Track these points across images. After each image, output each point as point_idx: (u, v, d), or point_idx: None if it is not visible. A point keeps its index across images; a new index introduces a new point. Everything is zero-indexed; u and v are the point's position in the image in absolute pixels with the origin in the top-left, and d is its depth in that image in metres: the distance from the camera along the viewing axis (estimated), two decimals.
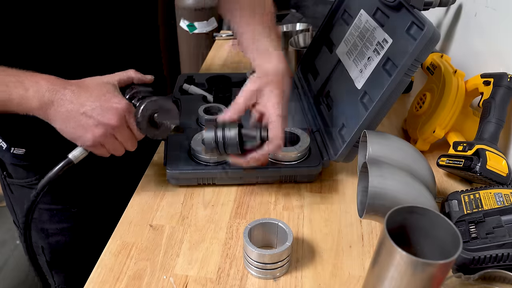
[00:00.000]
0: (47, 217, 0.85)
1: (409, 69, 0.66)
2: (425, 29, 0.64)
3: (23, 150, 0.78)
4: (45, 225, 0.86)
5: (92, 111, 0.61)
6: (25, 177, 0.82)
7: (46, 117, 0.61)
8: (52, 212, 0.85)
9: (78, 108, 0.60)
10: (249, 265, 0.61)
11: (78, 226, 0.88)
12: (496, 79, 0.79)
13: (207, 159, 0.75)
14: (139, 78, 0.68)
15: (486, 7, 0.92)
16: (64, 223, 0.87)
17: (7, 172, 0.84)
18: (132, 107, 0.64)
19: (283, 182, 0.78)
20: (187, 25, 2.19)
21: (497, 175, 0.70)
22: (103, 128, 0.61)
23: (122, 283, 0.60)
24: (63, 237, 0.88)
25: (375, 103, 0.69)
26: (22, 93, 0.59)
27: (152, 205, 0.74)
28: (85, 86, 0.62)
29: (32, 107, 0.60)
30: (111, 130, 0.62)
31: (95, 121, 0.61)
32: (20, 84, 0.59)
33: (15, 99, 0.59)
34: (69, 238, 0.88)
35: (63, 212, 0.85)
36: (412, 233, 0.51)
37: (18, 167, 0.81)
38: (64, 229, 0.87)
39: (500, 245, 0.56)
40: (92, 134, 0.61)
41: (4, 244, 1.88)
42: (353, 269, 0.62)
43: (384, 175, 0.60)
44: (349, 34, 0.88)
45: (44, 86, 0.60)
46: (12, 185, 0.85)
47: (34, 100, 0.59)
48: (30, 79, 0.60)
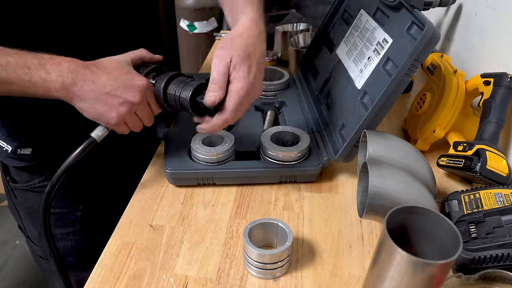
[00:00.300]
0: (52, 221, 0.85)
1: (410, 69, 0.66)
2: (425, 29, 0.63)
3: (30, 150, 0.78)
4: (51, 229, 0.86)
5: (116, 90, 0.62)
6: (28, 180, 0.82)
7: (69, 97, 0.62)
8: (57, 216, 0.85)
9: (100, 88, 0.62)
10: (249, 265, 0.61)
11: (83, 230, 0.88)
12: (496, 79, 0.79)
13: (207, 159, 0.75)
14: (150, 57, 0.70)
15: (486, 7, 0.92)
16: (69, 227, 0.86)
17: (10, 177, 0.84)
18: (149, 83, 0.66)
19: (283, 182, 0.78)
20: (187, 25, 2.19)
21: (497, 175, 0.70)
22: (127, 105, 0.63)
23: (122, 283, 0.60)
24: (69, 242, 0.88)
25: (375, 103, 0.69)
26: (44, 76, 0.59)
27: (152, 205, 0.74)
28: (103, 66, 0.63)
29: (55, 89, 0.60)
30: (134, 107, 0.64)
31: (120, 100, 0.62)
32: (42, 67, 0.60)
33: (37, 81, 0.59)
34: (75, 243, 0.88)
35: (68, 216, 0.85)
36: (412, 233, 0.51)
37: (22, 171, 0.81)
38: (69, 233, 0.87)
39: (500, 245, 0.56)
40: (117, 112, 0.63)
41: (4, 244, 1.88)
42: (353, 269, 0.62)
43: (384, 175, 0.60)
44: (349, 34, 0.88)
45: (65, 68, 0.60)
46: (15, 189, 0.85)
47: (57, 83, 0.60)
48: (52, 62, 0.60)
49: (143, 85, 0.64)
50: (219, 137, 0.79)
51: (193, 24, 2.19)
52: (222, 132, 0.80)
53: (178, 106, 0.68)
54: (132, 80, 0.64)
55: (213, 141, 0.79)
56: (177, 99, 0.67)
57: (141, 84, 0.64)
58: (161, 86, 0.67)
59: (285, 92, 0.99)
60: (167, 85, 0.68)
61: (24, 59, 0.59)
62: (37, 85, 0.60)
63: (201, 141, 0.77)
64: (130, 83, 0.63)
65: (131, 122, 0.66)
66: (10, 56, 0.59)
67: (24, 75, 0.59)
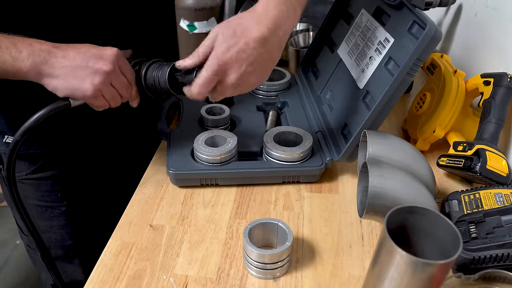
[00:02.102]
0: (37, 213, 0.85)
1: (411, 69, 0.66)
2: (427, 28, 0.63)
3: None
4: (36, 220, 0.86)
5: (88, 61, 0.62)
6: (17, 171, 0.82)
7: (39, 77, 0.62)
8: (42, 209, 0.85)
9: (72, 62, 0.61)
10: (249, 265, 0.61)
11: (68, 225, 0.88)
12: (496, 79, 0.79)
13: (210, 160, 0.75)
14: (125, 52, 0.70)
15: (486, 7, 0.92)
16: (54, 220, 0.87)
17: (3, 165, 0.84)
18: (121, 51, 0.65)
19: (286, 182, 0.78)
20: (187, 25, 2.19)
21: (497, 175, 0.70)
22: (100, 75, 0.62)
23: (122, 283, 0.60)
24: (53, 235, 0.88)
25: (377, 103, 0.69)
26: (15, 54, 0.59)
27: (152, 205, 0.74)
28: (73, 45, 0.63)
29: (25, 68, 0.60)
30: (108, 76, 0.63)
31: (92, 70, 0.62)
32: (13, 46, 0.60)
33: (7, 60, 0.59)
34: (59, 236, 0.88)
35: (52, 210, 0.86)
36: (412, 233, 0.51)
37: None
38: (54, 226, 0.87)
39: (500, 245, 0.56)
40: (91, 82, 0.62)
41: (4, 244, 1.88)
42: (353, 269, 0.62)
43: (384, 175, 0.60)
44: (350, 33, 0.88)
45: (37, 48, 0.60)
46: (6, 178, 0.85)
47: (27, 61, 0.60)
48: (23, 42, 0.60)
49: (113, 53, 0.63)
50: (222, 137, 0.79)
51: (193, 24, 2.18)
52: (225, 132, 0.80)
53: (157, 86, 0.68)
54: (103, 50, 0.63)
55: (216, 142, 0.79)
56: (156, 80, 0.67)
57: (111, 52, 0.63)
58: (142, 70, 0.68)
59: (286, 92, 0.99)
60: (147, 69, 0.68)
61: None
62: (7, 63, 0.59)
63: (203, 142, 0.77)
64: (100, 53, 0.63)
65: (108, 93, 0.65)
66: None
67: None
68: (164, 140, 0.86)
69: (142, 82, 0.68)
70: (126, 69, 0.66)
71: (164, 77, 0.67)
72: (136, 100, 0.70)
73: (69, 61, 0.61)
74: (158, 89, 0.68)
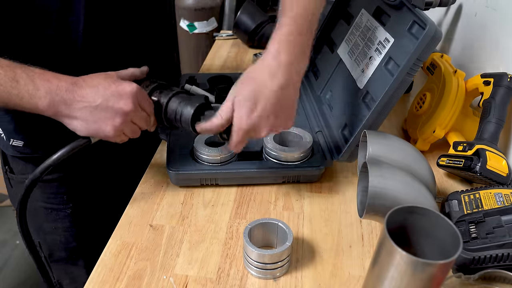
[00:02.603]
0: (43, 215, 0.85)
1: (411, 69, 0.66)
2: (427, 28, 0.63)
3: (22, 143, 0.78)
4: (41, 222, 0.86)
5: (107, 101, 0.60)
6: (24, 173, 0.82)
7: (57, 116, 0.61)
8: (47, 210, 0.85)
9: (91, 102, 0.60)
10: (249, 265, 0.61)
11: (73, 227, 0.88)
12: (496, 79, 0.79)
13: (210, 160, 0.75)
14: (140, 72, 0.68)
15: (486, 7, 0.92)
16: (59, 222, 0.87)
17: (9, 166, 0.84)
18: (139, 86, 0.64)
19: (286, 182, 0.78)
20: (187, 25, 2.19)
21: (497, 175, 0.70)
22: (122, 115, 0.61)
23: (122, 283, 0.60)
24: (58, 236, 0.88)
25: (377, 103, 0.69)
26: (33, 92, 0.58)
27: (152, 205, 0.74)
28: (90, 80, 0.62)
29: (42, 106, 0.59)
30: (128, 116, 0.62)
31: (112, 111, 0.61)
32: (31, 82, 0.58)
33: (25, 96, 0.58)
34: (63, 238, 0.88)
35: (58, 212, 0.86)
36: (412, 233, 0.51)
37: (19, 160, 0.81)
38: (58, 228, 0.87)
39: (500, 245, 0.56)
40: (112, 124, 0.61)
41: (4, 244, 1.88)
42: (353, 269, 0.62)
43: (384, 175, 0.60)
44: (350, 33, 0.88)
45: (54, 85, 0.59)
46: (12, 180, 0.85)
47: (44, 100, 0.59)
48: (41, 77, 0.59)
49: (133, 90, 0.62)
50: None
51: (193, 24, 2.18)
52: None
53: (178, 122, 0.67)
54: (122, 87, 0.61)
55: (216, 142, 0.79)
56: (177, 116, 0.66)
57: (131, 89, 0.62)
58: (163, 103, 0.66)
59: None
60: (168, 102, 0.67)
61: (13, 72, 0.58)
62: (24, 100, 0.58)
63: (203, 142, 0.77)
64: (120, 90, 0.61)
65: (128, 130, 0.64)
66: (0, 68, 0.57)
67: (12, 88, 0.58)
68: (164, 140, 0.86)
69: (163, 115, 0.67)
70: (146, 104, 0.65)
71: (187, 118, 0.66)
72: (154, 127, 0.69)
73: (88, 102, 0.60)
74: (179, 126, 0.68)
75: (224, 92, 0.95)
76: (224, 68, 1.28)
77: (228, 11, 2.28)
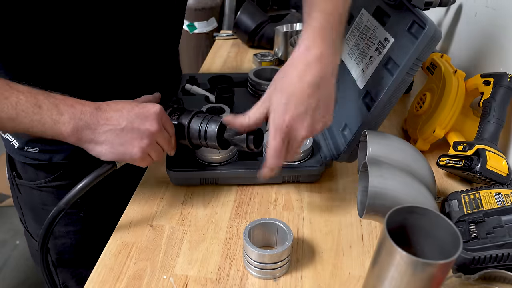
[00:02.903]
0: None
1: (411, 69, 0.66)
2: (426, 28, 0.63)
3: (37, 149, 0.77)
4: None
5: (133, 123, 0.59)
6: (34, 179, 0.82)
7: (81, 141, 0.59)
8: None
9: (116, 125, 0.59)
10: (249, 265, 0.61)
11: (84, 229, 0.88)
12: (496, 79, 0.79)
13: (210, 159, 0.75)
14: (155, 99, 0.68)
15: (486, 7, 0.92)
16: (71, 226, 0.87)
17: (16, 172, 0.84)
18: (162, 107, 0.63)
19: (286, 182, 0.78)
20: (187, 25, 2.19)
21: (497, 175, 0.70)
22: (148, 136, 0.60)
23: (122, 283, 0.60)
24: (69, 240, 0.88)
25: (377, 103, 0.69)
26: (56, 117, 0.57)
27: (152, 205, 0.74)
28: (113, 104, 0.61)
29: (66, 132, 0.58)
30: (154, 136, 0.61)
31: (138, 132, 0.60)
32: (55, 107, 0.57)
33: (48, 122, 0.57)
34: (75, 241, 0.89)
35: (70, 216, 0.85)
36: (412, 233, 0.51)
37: (28, 166, 0.81)
38: (70, 232, 0.87)
39: (500, 245, 0.56)
40: (139, 146, 0.60)
41: (4, 244, 1.88)
42: (353, 269, 0.62)
43: (384, 175, 0.60)
44: (350, 33, 0.88)
45: (78, 110, 0.58)
46: (20, 185, 0.85)
47: (69, 125, 0.57)
48: (64, 103, 0.58)
49: (157, 111, 0.61)
50: None
51: (193, 24, 2.18)
52: None
53: (202, 141, 0.67)
54: (147, 109, 0.61)
55: None
56: (201, 134, 0.66)
57: (155, 110, 0.61)
58: (185, 124, 0.67)
59: None
60: (190, 122, 0.67)
61: (35, 98, 0.57)
62: (46, 125, 0.57)
63: None
64: (145, 112, 0.60)
65: (154, 152, 0.63)
66: (21, 94, 0.56)
67: (34, 114, 0.56)
68: None
69: (186, 135, 0.67)
70: (168, 124, 0.64)
71: (212, 135, 0.65)
72: (174, 150, 0.68)
73: (113, 125, 0.59)
74: (203, 143, 0.68)
75: (224, 92, 0.96)
76: (224, 68, 1.28)
77: (228, 11, 2.28)
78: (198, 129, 0.66)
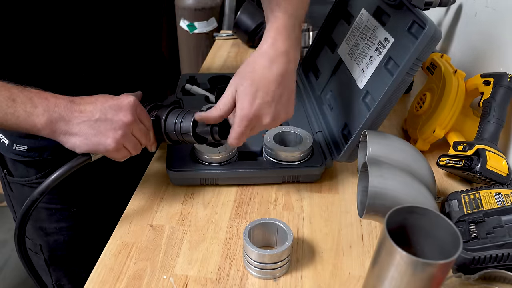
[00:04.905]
0: (45, 216, 0.85)
1: (411, 68, 0.66)
2: (426, 28, 0.63)
3: (25, 147, 0.78)
4: (43, 223, 0.86)
5: (106, 114, 0.60)
6: (25, 176, 0.82)
7: (55, 133, 0.60)
8: (50, 211, 0.85)
9: (89, 116, 0.59)
10: (249, 265, 0.61)
11: (77, 225, 0.88)
12: (496, 79, 0.79)
13: (210, 159, 0.75)
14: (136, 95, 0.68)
15: (486, 7, 0.92)
16: (63, 222, 0.87)
17: (7, 170, 0.84)
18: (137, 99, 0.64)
19: (286, 182, 0.78)
20: (187, 25, 2.19)
21: (497, 175, 0.70)
22: (122, 127, 0.61)
23: (122, 283, 0.60)
24: (62, 236, 0.88)
25: (377, 103, 0.69)
26: (30, 110, 0.57)
27: (152, 205, 0.74)
28: (88, 97, 0.62)
29: (41, 124, 0.58)
30: (129, 127, 0.61)
31: (112, 123, 0.60)
32: (29, 100, 0.58)
33: (22, 115, 0.57)
34: (67, 237, 0.89)
35: (62, 212, 0.85)
36: (412, 233, 0.51)
37: (19, 163, 0.81)
38: (63, 228, 0.87)
39: (500, 245, 0.56)
40: (113, 137, 0.60)
41: (4, 244, 1.88)
42: (353, 269, 0.62)
43: (384, 175, 0.60)
44: (350, 33, 0.88)
45: (52, 102, 0.59)
46: (12, 183, 0.85)
47: (42, 118, 0.58)
48: (38, 96, 0.58)
49: (131, 102, 0.62)
50: None
51: (193, 24, 2.18)
52: None
53: (178, 135, 0.68)
54: (120, 100, 0.61)
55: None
56: (177, 128, 0.67)
57: (129, 101, 0.61)
58: (162, 117, 0.67)
59: None
60: (167, 116, 0.67)
61: (9, 92, 0.57)
62: (20, 118, 0.57)
63: None
64: (119, 103, 0.61)
65: (129, 144, 0.63)
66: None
67: (8, 107, 0.57)
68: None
69: (162, 129, 0.67)
70: (144, 116, 0.65)
71: (188, 127, 0.66)
72: (154, 145, 0.69)
73: (87, 116, 0.59)
74: (180, 138, 0.68)
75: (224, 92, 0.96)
76: (224, 68, 1.28)
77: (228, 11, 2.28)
78: (174, 123, 0.67)
